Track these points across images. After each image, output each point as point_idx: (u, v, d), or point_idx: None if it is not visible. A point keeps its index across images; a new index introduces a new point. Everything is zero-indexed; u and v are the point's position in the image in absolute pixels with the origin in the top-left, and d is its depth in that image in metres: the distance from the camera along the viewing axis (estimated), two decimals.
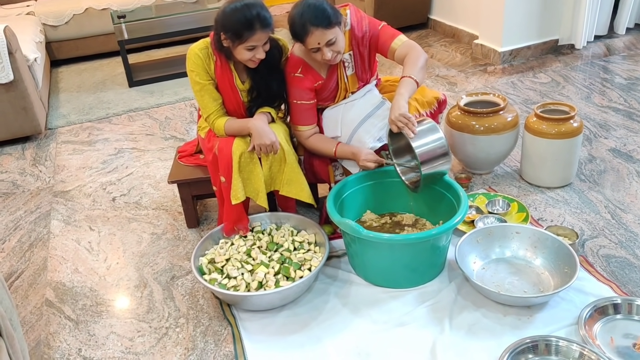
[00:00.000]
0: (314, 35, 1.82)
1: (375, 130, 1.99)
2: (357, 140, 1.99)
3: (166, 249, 2.16)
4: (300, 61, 1.98)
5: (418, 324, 1.69)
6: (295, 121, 2.06)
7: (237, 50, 1.85)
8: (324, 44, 1.84)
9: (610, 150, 2.56)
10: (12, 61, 2.96)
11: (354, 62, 2.03)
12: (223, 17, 1.82)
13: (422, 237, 1.73)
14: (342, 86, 2.06)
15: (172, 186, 2.56)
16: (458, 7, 4.28)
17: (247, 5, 1.79)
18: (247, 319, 1.76)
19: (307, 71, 1.99)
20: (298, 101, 2.01)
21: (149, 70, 4.21)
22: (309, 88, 2.00)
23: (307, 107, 2.03)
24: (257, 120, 1.93)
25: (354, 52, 2.01)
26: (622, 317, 1.61)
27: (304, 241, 1.96)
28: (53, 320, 1.86)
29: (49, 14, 4.43)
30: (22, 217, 2.48)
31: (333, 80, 2.03)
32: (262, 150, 1.91)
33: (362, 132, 1.99)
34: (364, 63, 2.05)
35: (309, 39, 1.83)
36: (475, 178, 2.43)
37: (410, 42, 1.99)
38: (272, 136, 1.90)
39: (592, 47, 3.87)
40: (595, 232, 2.02)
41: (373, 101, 2.04)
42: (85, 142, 3.18)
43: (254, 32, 1.79)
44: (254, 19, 1.77)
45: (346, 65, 2.02)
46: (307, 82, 1.99)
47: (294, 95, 2.02)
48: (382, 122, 1.99)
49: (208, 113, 1.99)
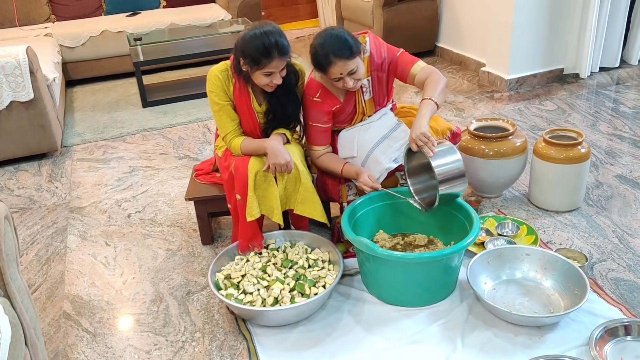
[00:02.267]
0: (337, 66, 1.89)
1: (391, 152, 2.05)
2: (373, 160, 2.05)
3: (181, 265, 2.20)
4: (319, 86, 2.05)
5: (430, 343, 1.71)
6: (310, 141, 2.13)
7: (255, 75, 1.92)
8: (346, 73, 1.91)
9: (616, 176, 2.61)
10: (33, 80, 3.04)
11: (372, 87, 2.09)
12: (242, 43, 1.89)
13: (435, 257, 1.77)
14: (360, 110, 2.12)
15: (186, 204, 2.61)
16: (465, 35, 4.38)
17: (265, 32, 1.86)
18: (262, 334, 1.80)
19: (326, 96, 2.05)
20: (314, 123, 2.08)
21: (163, 91, 4.30)
22: (327, 112, 2.07)
23: (323, 130, 2.10)
24: (273, 141, 1.99)
25: (372, 78, 2.08)
26: (632, 338, 1.64)
27: (318, 259, 2.00)
28: (71, 332, 1.89)
29: (66, 35, 4.55)
30: (39, 232, 2.52)
31: (350, 104, 2.10)
32: (277, 169, 1.96)
33: (378, 152, 2.05)
34: (382, 88, 2.11)
35: (332, 69, 1.90)
36: (484, 201, 2.48)
37: (429, 67, 2.05)
38: (287, 156, 1.95)
39: (597, 76, 3.95)
40: (604, 255, 2.06)
41: (389, 123, 2.10)
42: (100, 160, 3.25)
43: (272, 59, 1.86)
44: (271, 46, 1.85)
45: (364, 90, 2.09)
46: (325, 106, 2.06)
47: (311, 117, 2.09)
48: (397, 143, 2.05)
49: (225, 132, 2.05)
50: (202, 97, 4.12)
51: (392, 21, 4.39)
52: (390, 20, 4.38)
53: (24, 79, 2.98)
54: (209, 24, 4.86)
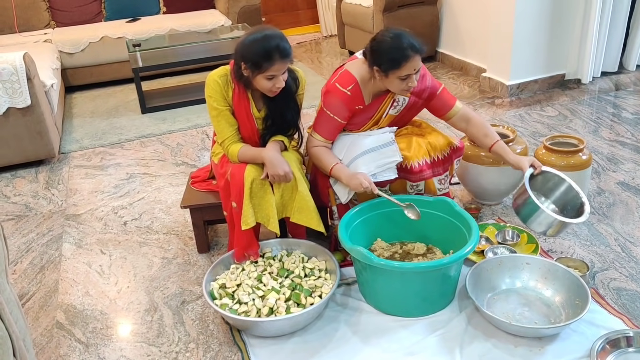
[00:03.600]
0: (413, 61, 1.86)
1: (373, 166, 1.98)
2: (353, 168, 2.00)
3: (177, 274, 2.17)
4: (354, 81, 1.98)
5: (428, 354, 1.68)
6: (316, 128, 2.04)
7: (256, 80, 1.90)
8: (416, 71, 1.89)
9: (618, 183, 2.58)
10: (30, 87, 3.03)
11: (404, 108, 2.07)
12: (243, 47, 1.87)
13: (433, 266, 1.74)
14: (377, 118, 2.07)
15: (183, 211, 2.58)
16: (466, 40, 4.36)
17: (266, 36, 1.84)
18: (257, 344, 1.76)
19: (356, 92, 1.99)
20: (331, 113, 1.99)
21: (162, 98, 4.29)
22: (349, 108, 2.00)
23: (336, 124, 2.02)
24: (271, 151, 1.96)
25: (410, 101, 2.06)
26: (634, 350, 1.60)
27: (315, 268, 1.97)
28: (63, 342, 1.87)
29: (66, 41, 4.54)
30: (34, 240, 2.50)
31: (372, 111, 2.05)
32: (276, 179, 1.94)
33: (361, 162, 1.99)
34: (410, 113, 2.11)
35: (408, 64, 1.86)
36: (484, 209, 2.45)
37: (466, 108, 2.15)
38: (286, 166, 1.93)
39: (599, 82, 3.92)
40: (606, 264, 2.02)
41: (383, 138, 2.03)
42: (98, 167, 3.23)
43: (273, 62, 1.83)
44: (273, 50, 1.82)
45: (394, 105, 2.05)
46: (351, 101, 1.99)
47: (331, 107, 1.99)
48: (382, 160, 1.99)
49: (223, 138, 2.03)
50: (201, 103, 4.10)
51: (393, 26, 4.37)
52: (390, 25, 4.36)
53: (21, 85, 2.97)
54: (209, 29, 4.86)
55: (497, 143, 2.10)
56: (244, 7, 5.07)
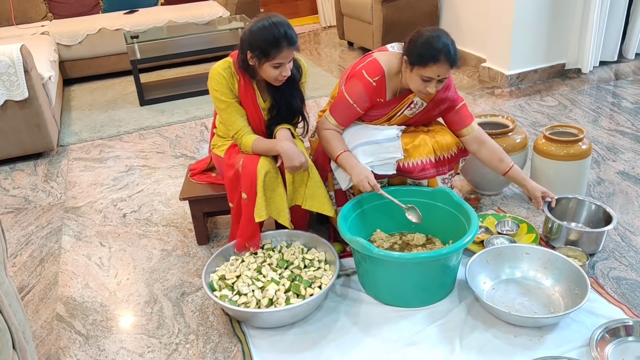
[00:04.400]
0: (441, 67, 1.82)
1: (372, 157, 1.96)
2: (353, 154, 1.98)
3: (176, 266, 2.17)
4: (382, 72, 1.95)
5: (428, 344, 1.68)
6: (333, 111, 2.01)
7: (263, 68, 1.88)
8: (439, 79, 1.86)
9: (618, 173, 2.57)
10: (28, 79, 3.01)
11: (419, 112, 2.05)
12: (250, 35, 1.86)
13: (433, 256, 1.74)
14: (391, 115, 2.05)
15: (182, 203, 2.58)
16: (465, 30, 4.34)
17: (274, 23, 1.83)
18: (257, 336, 1.77)
19: (380, 85, 1.97)
20: (352, 100, 1.97)
21: (160, 90, 4.27)
22: (371, 98, 1.97)
23: (353, 112, 1.99)
24: (285, 142, 1.93)
25: (428, 106, 2.03)
26: (634, 339, 1.60)
27: (314, 259, 1.97)
28: (63, 335, 1.87)
29: (63, 33, 4.52)
30: (34, 233, 2.50)
31: (389, 107, 2.03)
32: (292, 170, 1.93)
33: (360, 151, 1.97)
34: (424, 118, 2.09)
35: (434, 67, 1.82)
36: (484, 199, 2.44)
37: (480, 129, 2.11)
38: (302, 157, 1.92)
39: (599, 71, 3.91)
40: (605, 254, 2.02)
41: (388, 133, 2.01)
42: (97, 159, 3.22)
43: (281, 50, 1.82)
44: (280, 37, 1.81)
45: (412, 107, 2.03)
46: (374, 91, 1.96)
47: (353, 92, 1.97)
48: (382, 154, 1.97)
49: (236, 129, 1.99)
50: (200, 95, 4.09)
51: (392, 17, 4.35)
52: (389, 16, 4.34)
53: (18, 77, 2.95)
54: (207, 21, 4.83)
55: (513, 168, 2.11)
56: None
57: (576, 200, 2.15)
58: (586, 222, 2.14)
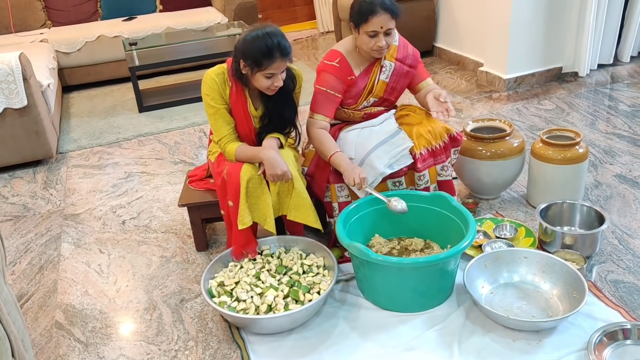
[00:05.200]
0: (380, 18, 1.94)
1: (387, 157, 2.02)
2: (368, 164, 2.02)
3: (175, 272, 2.18)
4: (340, 54, 2.09)
5: (427, 349, 1.69)
6: (314, 108, 2.10)
7: (255, 78, 1.89)
8: (384, 30, 1.95)
9: (616, 176, 2.58)
10: (27, 87, 3.02)
11: (392, 73, 2.14)
12: (244, 44, 1.87)
13: (431, 261, 1.74)
14: (369, 87, 2.13)
15: (181, 210, 2.58)
16: (463, 35, 4.36)
17: (267, 33, 1.84)
18: (255, 342, 1.77)
19: (344, 64, 2.08)
20: (325, 88, 2.07)
21: (159, 96, 4.28)
22: (342, 79, 2.07)
23: (332, 99, 2.08)
24: (269, 150, 1.96)
25: (395, 66, 2.13)
26: (632, 342, 1.61)
27: (313, 264, 1.97)
28: (63, 342, 1.87)
29: (62, 41, 4.53)
30: (33, 240, 2.50)
31: (364, 80, 2.12)
32: (274, 179, 1.94)
33: (374, 157, 2.02)
34: (399, 80, 2.16)
35: (374, 19, 1.94)
36: (482, 203, 2.45)
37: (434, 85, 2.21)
38: (284, 166, 1.93)
39: (596, 74, 3.92)
40: (603, 257, 2.02)
41: (389, 129, 2.08)
42: (96, 166, 3.22)
43: (274, 60, 1.84)
44: (273, 47, 1.83)
45: (383, 71, 2.12)
46: (341, 72, 2.07)
47: (323, 81, 2.08)
48: (394, 150, 2.02)
49: (220, 136, 2.02)
50: (198, 101, 4.09)
51: None
52: None
53: (17, 85, 2.96)
54: (206, 27, 4.84)
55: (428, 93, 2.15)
56: (240, 4, 5.06)
57: (569, 204, 2.16)
58: (581, 226, 2.15)
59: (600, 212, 2.06)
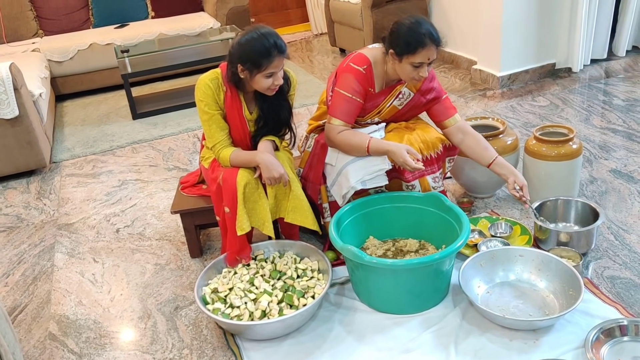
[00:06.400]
0: (429, 50, 1.87)
1: (362, 173, 1.94)
2: (344, 175, 1.97)
3: (170, 280, 2.16)
4: (368, 61, 1.98)
5: (423, 350, 1.67)
6: (334, 112, 1.97)
7: (255, 80, 1.88)
8: (430, 61, 1.90)
9: (611, 171, 2.57)
10: (18, 97, 3.01)
11: (407, 103, 2.07)
12: (239, 48, 1.86)
13: (425, 262, 1.73)
14: (380, 108, 2.07)
15: (175, 216, 2.57)
16: (456, 33, 4.35)
17: (262, 34, 1.84)
18: (251, 348, 1.75)
19: (369, 73, 1.99)
20: (348, 93, 1.96)
21: (152, 103, 4.27)
22: (364, 87, 1.98)
23: (355, 104, 1.98)
24: (264, 154, 1.94)
25: (414, 97, 2.06)
26: (629, 339, 1.59)
27: (307, 268, 1.96)
28: (56, 354, 1.85)
29: (54, 50, 4.52)
30: (26, 251, 2.49)
31: (380, 99, 2.05)
32: (271, 182, 1.92)
33: (351, 169, 1.95)
34: (412, 110, 2.11)
35: (423, 52, 1.87)
36: (477, 202, 2.43)
37: (463, 122, 2.14)
38: (281, 169, 1.91)
39: (589, 70, 3.91)
40: (599, 253, 2.01)
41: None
42: (90, 175, 3.21)
43: (272, 59, 1.83)
44: (271, 46, 1.82)
45: (399, 97, 2.05)
46: (364, 80, 1.98)
47: (347, 85, 1.96)
48: (372, 167, 1.95)
49: (214, 142, 2.01)
50: (192, 107, 4.08)
51: (382, 22, 4.35)
52: (379, 21, 4.35)
53: (8, 96, 2.95)
54: (198, 32, 4.83)
55: (498, 159, 2.08)
56: (232, 9, 5.05)
57: (563, 201, 2.15)
58: (576, 222, 2.13)
59: (595, 207, 2.04)
